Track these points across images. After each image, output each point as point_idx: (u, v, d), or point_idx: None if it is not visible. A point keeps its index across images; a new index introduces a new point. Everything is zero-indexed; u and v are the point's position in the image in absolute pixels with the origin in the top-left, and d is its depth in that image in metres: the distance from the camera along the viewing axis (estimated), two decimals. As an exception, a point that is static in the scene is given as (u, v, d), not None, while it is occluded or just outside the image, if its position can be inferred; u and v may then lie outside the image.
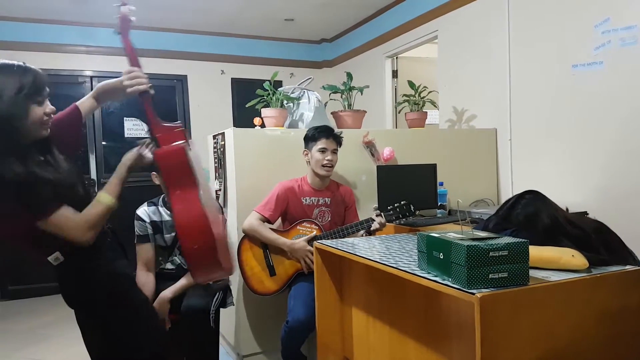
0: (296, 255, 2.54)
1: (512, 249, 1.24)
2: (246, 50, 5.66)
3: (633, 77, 2.63)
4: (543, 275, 1.34)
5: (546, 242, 1.49)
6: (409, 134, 3.43)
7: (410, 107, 3.54)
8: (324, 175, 2.61)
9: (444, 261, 1.32)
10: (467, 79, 3.82)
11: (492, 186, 3.58)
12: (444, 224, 2.83)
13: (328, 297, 2.13)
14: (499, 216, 1.68)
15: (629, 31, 2.63)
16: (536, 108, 3.24)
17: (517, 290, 1.23)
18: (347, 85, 3.28)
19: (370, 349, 2.00)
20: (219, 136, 3.03)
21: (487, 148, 3.56)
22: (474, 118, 3.77)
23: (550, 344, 1.29)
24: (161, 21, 5.01)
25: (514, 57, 3.39)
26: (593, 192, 2.87)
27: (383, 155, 3.14)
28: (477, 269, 1.22)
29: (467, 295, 1.20)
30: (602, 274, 1.38)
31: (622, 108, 2.69)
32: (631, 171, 2.67)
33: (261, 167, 2.83)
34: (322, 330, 2.13)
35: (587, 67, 2.87)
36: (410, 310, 1.74)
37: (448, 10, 3.98)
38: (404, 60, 4.88)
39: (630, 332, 1.42)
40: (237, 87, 5.63)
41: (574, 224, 1.57)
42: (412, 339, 1.74)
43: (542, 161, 3.22)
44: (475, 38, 3.73)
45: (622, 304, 1.40)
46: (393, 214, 2.49)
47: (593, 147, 2.87)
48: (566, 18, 2.99)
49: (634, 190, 2.65)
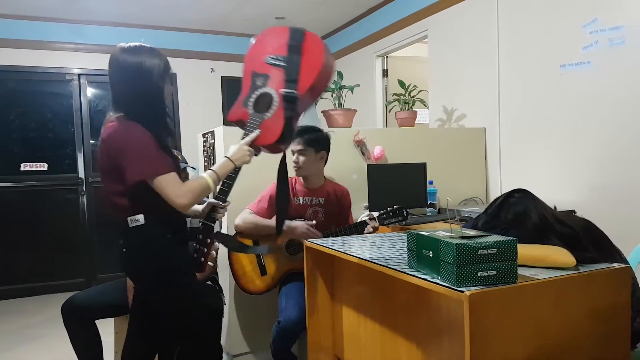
0: (297, 233, 2.47)
1: (501, 247, 1.25)
2: (236, 48, 5.63)
3: (621, 77, 2.66)
4: (531, 273, 1.35)
5: (535, 241, 1.50)
6: (399, 133, 3.44)
7: (400, 106, 3.55)
8: (298, 176, 2.61)
9: (434, 259, 1.32)
10: (457, 78, 3.84)
11: (481, 185, 3.60)
12: (434, 223, 2.85)
13: (319, 296, 2.13)
14: (487, 215, 1.68)
15: (616, 31, 2.66)
16: (525, 107, 3.26)
17: (506, 288, 1.24)
18: (338, 84, 3.28)
19: (361, 348, 2.00)
20: (209, 135, 3.02)
21: (476, 147, 3.58)
22: (463, 117, 3.79)
23: (539, 341, 1.30)
24: (151, 18, 4.97)
25: (503, 57, 3.41)
26: (581, 190, 2.90)
27: (373, 154, 3.15)
28: (466, 267, 1.22)
29: (456, 293, 1.21)
30: (590, 272, 1.39)
31: (610, 107, 2.72)
32: (618, 170, 2.70)
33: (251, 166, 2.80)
34: (313, 329, 2.13)
35: (575, 67, 2.90)
36: (401, 308, 1.74)
37: (438, 10, 3.99)
38: (394, 59, 4.89)
39: (618, 329, 1.43)
40: (227, 85, 5.61)
41: (562, 222, 1.58)
42: (403, 337, 1.74)
43: (530, 160, 3.24)
44: (464, 38, 3.74)
45: (610, 302, 1.41)
46: (386, 217, 2.49)
47: (581, 146, 2.89)
48: (555, 18, 3.01)
49: (621, 188, 2.68)
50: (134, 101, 1.76)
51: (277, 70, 1.96)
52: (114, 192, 1.77)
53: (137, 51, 1.79)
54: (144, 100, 1.77)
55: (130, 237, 1.80)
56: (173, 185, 1.71)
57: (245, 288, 2.56)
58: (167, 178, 1.71)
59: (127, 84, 1.77)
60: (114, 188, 1.76)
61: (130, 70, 1.75)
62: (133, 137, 1.71)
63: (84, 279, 4.91)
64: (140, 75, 1.76)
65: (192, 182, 1.79)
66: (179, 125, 5.37)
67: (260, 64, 2.01)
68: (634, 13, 2.58)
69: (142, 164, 1.69)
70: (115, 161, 1.72)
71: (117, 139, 1.73)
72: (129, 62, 1.76)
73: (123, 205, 1.77)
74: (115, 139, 1.73)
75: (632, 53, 2.60)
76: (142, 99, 1.77)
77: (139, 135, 1.72)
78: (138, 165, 1.69)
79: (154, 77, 1.78)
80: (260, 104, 1.95)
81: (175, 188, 1.71)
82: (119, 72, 1.78)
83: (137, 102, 1.76)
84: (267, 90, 1.95)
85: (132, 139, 1.71)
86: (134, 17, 4.90)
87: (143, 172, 1.69)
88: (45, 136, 4.90)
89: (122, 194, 1.75)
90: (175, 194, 1.70)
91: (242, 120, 1.96)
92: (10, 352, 3.29)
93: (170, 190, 1.70)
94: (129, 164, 1.69)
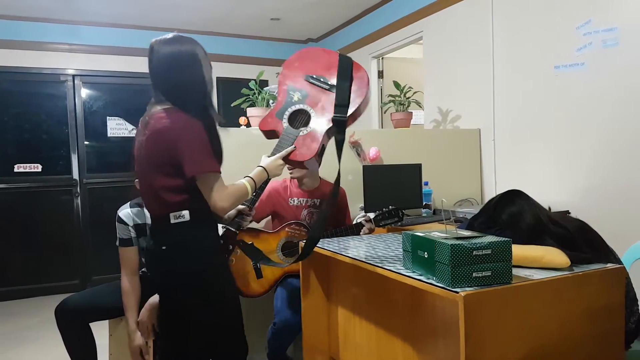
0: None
1: (496, 248, 1.26)
2: (232, 49, 5.63)
3: (614, 78, 2.67)
4: (526, 274, 1.35)
5: (529, 241, 1.51)
6: (395, 134, 3.45)
7: (395, 108, 3.56)
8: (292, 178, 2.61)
9: (429, 260, 1.32)
10: (452, 79, 3.85)
11: (476, 186, 3.61)
12: (429, 223, 2.85)
13: (314, 298, 2.13)
14: (482, 215, 1.69)
15: (610, 33, 2.68)
16: (519, 108, 3.27)
17: (501, 289, 1.24)
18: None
19: (357, 349, 2.00)
20: (204, 136, 3.00)
21: (471, 148, 3.59)
22: (458, 118, 3.80)
23: (534, 341, 1.30)
24: (146, 19, 4.95)
25: (497, 58, 3.43)
26: (575, 191, 2.91)
27: (369, 155, 3.15)
28: (461, 268, 1.23)
29: (451, 294, 1.21)
30: (584, 272, 1.40)
31: (604, 108, 2.74)
32: (613, 171, 2.71)
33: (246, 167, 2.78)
34: (309, 330, 2.13)
35: (569, 68, 2.91)
36: (397, 309, 1.75)
37: (433, 11, 4.00)
38: (389, 60, 4.90)
39: (612, 329, 1.44)
40: (223, 86, 5.59)
41: (557, 223, 1.58)
42: (398, 338, 1.74)
43: (525, 161, 3.25)
44: (459, 39, 3.76)
45: (604, 302, 1.41)
46: (382, 219, 2.49)
47: (575, 147, 2.91)
48: (549, 19, 3.02)
49: (615, 189, 2.69)
50: (182, 91, 1.74)
51: (316, 90, 2.01)
52: (162, 187, 1.70)
53: (176, 41, 1.78)
54: (191, 89, 1.75)
55: (173, 234, 1.72)
56: (219, 186, 1.68)
57: (240, 291, 2.55)
58: (216, 177, 1.68)
59: (170, 73, 1.74)
60: (163, 183, 1.70)
61: (173, 60, 1.74)
62: (190, 129, 1.67)
63: (78, 280, 4.88)
64: (186, 64, 1.75)
65: (234, 187, 1.75)
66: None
67: (299, 80, 2.05)
68: (628, 15, 2.59)
69: (201, 158, 1.65)
70: (170, 154, 1.66)
71: (173, 131, 1.66)
72: (169, 52, 1.74)
73: (170, 200, 1.70)
74: (170, 130, 1.67)
75: (625, 55, 2.61)
76: (189, 89, 1.74)
77: (195, 128, 1.67)
78: (196, 159, 1.65)
79: (197, 65, 1.77)
80: (296, 119, 2.00)
81: (220, 189, 1.68)
82: (163, 62, 1.74)
83: (185, 92, 1.74)
84: (304, 107, 2.00)
85: (189, 131, 1.66)
86: (128, 18, 4.89)
87: (201, 166, 1.65)
88: (39, 137, 4.87)
89: (171, 189, 1.70)
90: (219, 196, 1.67)
91: (275, 131, 2.00)
92: (6, 355, 3.26)
93: (215, 190, 1.67)
94: (187, 157, 1.64)
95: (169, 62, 1.74)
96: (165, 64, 1.75)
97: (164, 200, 1.71)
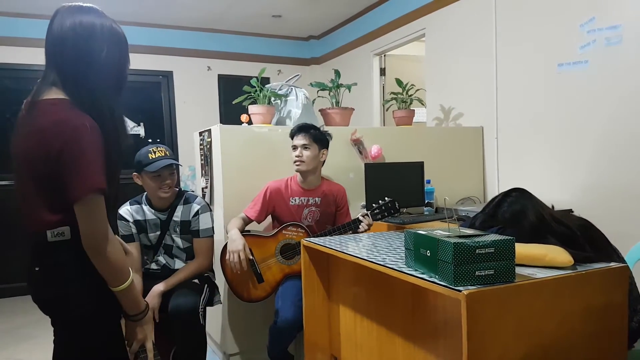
0: (230, 248, 2.42)
1: (499, 246, 1.25)
2: (233, 46, 5.62)
3: (618, 76, 2.66)
4: (529, 272, 1.35)
5: (532, 240, 1.50)
6: (397, 131, 3.44)
7: (397, 105, 3.54)
8: (299, 171, 2.59)
9: (431, 258, 1.32)
10: (454, 77, 3.84)
11: (479, 184, 3.60)
12: (431, 222, 2.84)
13: (316, 296, 2.12)
14: (485, 214, 1.68)
15: (613, 31, 2.66)
16: (522, 106, 3.26)
17: (504, 287, 1.24)
18: (335, 82, 3.27)
19: (358, 347, 2.00)
20: (205, 133, 3.00)
21: (473, 146, 3.58)
22: (461, 116, 3.79)
23: (536, 340, 1.30)
24: (147, 16, 4.94)
25: (500, 56, 3.41)
26: (578, 190, 2.90)
27: (371, 153, 3.14)
28: (464, 266, 1.22)
29: (454, 292, 1.20)
30: (587, 271, 1.39)
31: (607, 107, 2.72)
32: (616, 169, 2.70)
33: (248, 164, 2.81)
34: (310, 329, 2.12)
35: (572, 66, 2.90)
36: (398, 307, 1.74)
37: (435, 9, 3.99)
38: (391, 58, 4.89)
39: (615, 328, 1.43)
40: (224, 83, 5.59)
41: (559, 221, 1.58)
42: (399, 336, 1.74)
43: (528, 159, 3.24)
44: (462, 36, 3.74)
45: (606, 301, 1.41)
46: (379, 212, 2.48)
47: (578, 145, 2.89)
48: (552, 17, 3.01)
49: (618, 188, 2.68)
50: (86, 80, 1.33)
51: None
52: (39, 202, 1.34)
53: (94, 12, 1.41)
54: (100, 80, 1.35)
55: (48, 254, 1.36)
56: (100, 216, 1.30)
57: (241, 295, 2.52)
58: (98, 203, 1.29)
59: (77, 50, 1.32)
60: (41, 196, 1.33)
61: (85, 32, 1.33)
62: (87, 139, 1.27)
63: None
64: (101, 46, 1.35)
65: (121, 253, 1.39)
66: (175, 124, 5.35)
67: None
68: (631, 12, 2.58)
69: (89, 176, 1.26)
70: (56, 166, 1.27)
71: (60, 135, 1.26)
72: (83, 22, 1.34)
73: (47, 218, 1.33)
74: (57, 135, 1.26)
75: (629, 52, 2.60)
76: (98, 78, 1.34)
77: (94, 138, 1.28)
78: (86, 178, 1.26)
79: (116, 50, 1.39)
80: None
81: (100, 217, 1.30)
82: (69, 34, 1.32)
83: (90, 81, 1.33)
84: None
85: (86, 141, 1.26)
86: (129, 15, 4.88)
87: (89, 186, 1.27)
88: (40, 134, 4.86)
89: (49, 206, 1.33)
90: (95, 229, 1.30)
91: None
92: (2, 352, 3.26)
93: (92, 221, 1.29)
94: (77, 175, 1.26)
95: (80, 35, 1.32)
96: (73, 37, 1.32)
97: (39, 216, 1.35)
